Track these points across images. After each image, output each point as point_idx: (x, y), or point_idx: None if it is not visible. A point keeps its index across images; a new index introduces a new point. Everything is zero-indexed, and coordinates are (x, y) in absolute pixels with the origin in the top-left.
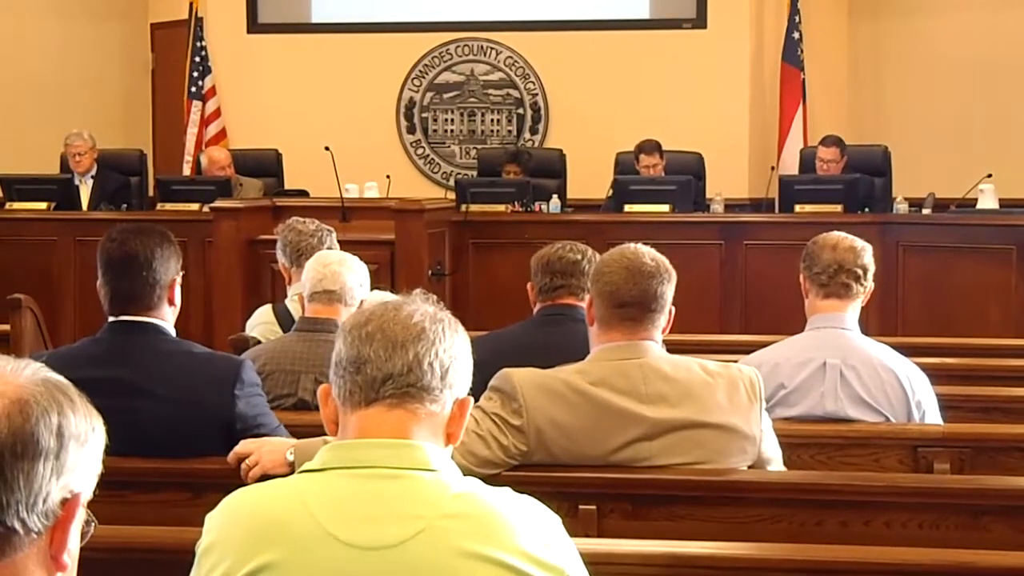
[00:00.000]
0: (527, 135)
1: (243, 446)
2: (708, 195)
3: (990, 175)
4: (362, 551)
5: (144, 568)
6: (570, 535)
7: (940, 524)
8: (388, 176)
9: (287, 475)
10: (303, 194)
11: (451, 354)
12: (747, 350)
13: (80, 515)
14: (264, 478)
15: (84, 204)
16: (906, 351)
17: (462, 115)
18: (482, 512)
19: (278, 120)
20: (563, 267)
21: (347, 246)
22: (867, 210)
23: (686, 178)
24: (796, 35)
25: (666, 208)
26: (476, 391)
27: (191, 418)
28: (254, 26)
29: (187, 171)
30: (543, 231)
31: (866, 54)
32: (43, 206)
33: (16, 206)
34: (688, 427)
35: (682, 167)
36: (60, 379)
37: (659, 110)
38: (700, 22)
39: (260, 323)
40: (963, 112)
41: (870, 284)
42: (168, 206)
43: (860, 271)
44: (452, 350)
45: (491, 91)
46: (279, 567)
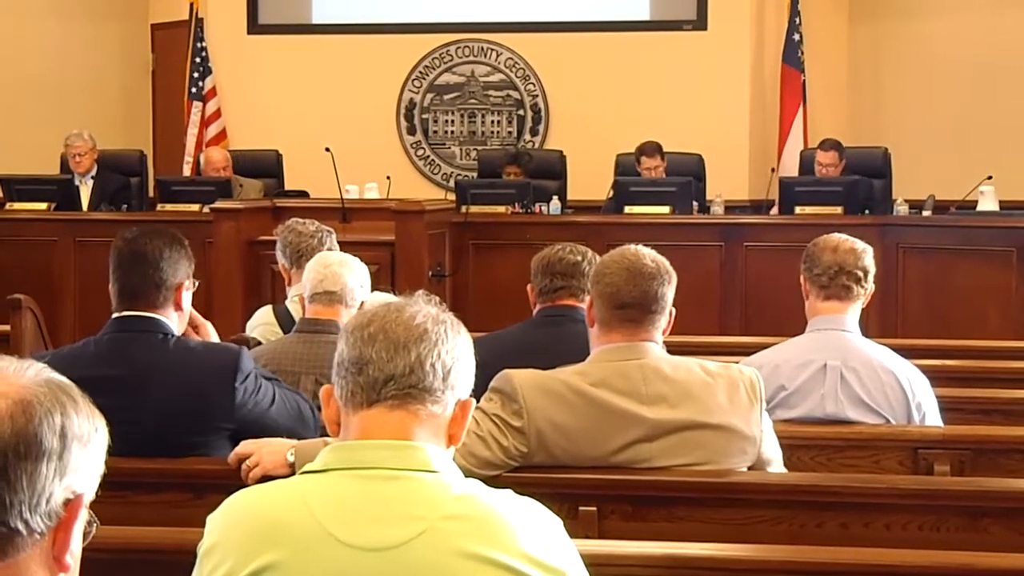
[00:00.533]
0: (527, 136)
1: (244, 447)
2: (708, 197)
3: (990, 177)
4: (363, 552)
5: (145, 569)
6: (570, 536)
7: (940, 526)
8: (388, 177)
9: (288, 476)
10: (303, 195)
11: (453, 355)
12: (747, 352)
13: (83, 516)
14: (265, 479)
15: (84, 205)
16: (906, 353)
17: (462, 116)
18: (483, 514)
19: (278, 121)
20: (563, 268)
21: (347, 247)
22: (867, 212)
23: (686, 180)
24: (796, 37)
25: (666, 210)
26: (476, 392)
27: (192, 413)
28: (254, 27)
29: (187, 172)
30: (543, 232)
31: (866, 56)
32: (43, 206)
33: (16, 206)
34: (688, 428)
35: (682, 168)
36: (63, 380)
37: (659, 111)
38: (700, 24)
39: (260, 324)
40: (963, 114)
41: (870, 286)
42: (168, 207)
43: (860, 273)
44: (454, 351)
45: (491, 92)
46: (281, 568)
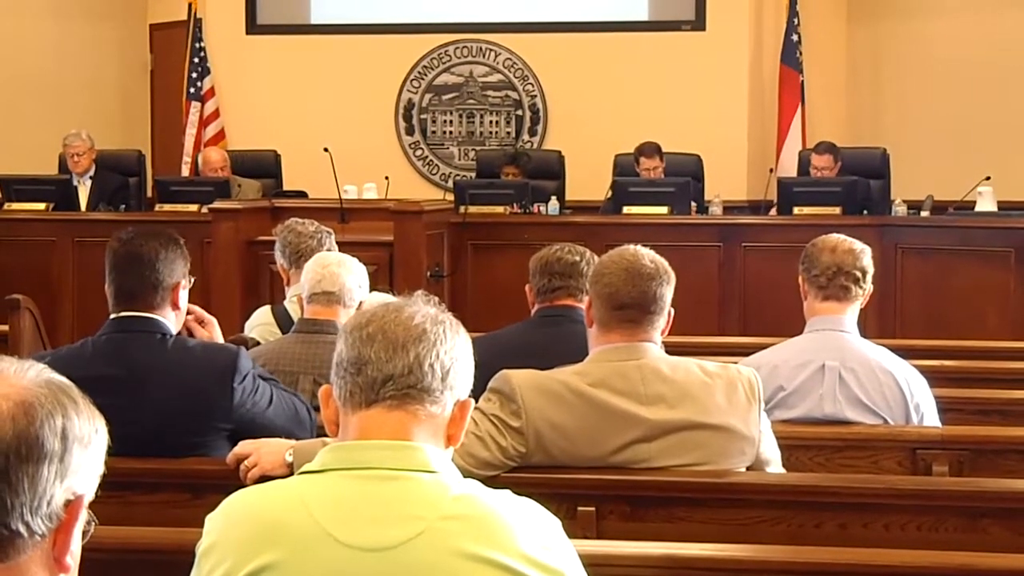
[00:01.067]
0: (526, 137)
1: (242, 447)
2: (707, 197)
3: (988, 177)
4: (362, 552)
5: (144, 569)
6: (569, 537)
7: (939, 526)
8: (387, 177)
9: (286, 476)
10: (302, 195)
11: (452, 356)
12: (746, 352)
13: (83, 517)
14: (264, 479)
15: (82, 205)
16: (904, 353)
17: (461, 116)
18: (482, 514)
19: (277, 121)
20: (562, 268)
21: (346, 247)
22: (866, 212)
23: (684, 180)
24: (795, 37)
25: (664, 210)
26: (475, 392)
27: (190, 413)
28: (253, 27)
29: (186, 172)
30: (542, 233)
31: (865, 56)
32: (41, 207)
33: (15, 207)
34: (687, 428)
35: (681, 169)
36: (63, 380)
37: (658, 112)
38: (699, 24)
39: (259, 324)
40: (962, 114)
41: (869, 286)
42: (167, 207)
43: (859, 273)
44: (453, 352)
45: (490, 93)
46: (279, 568)
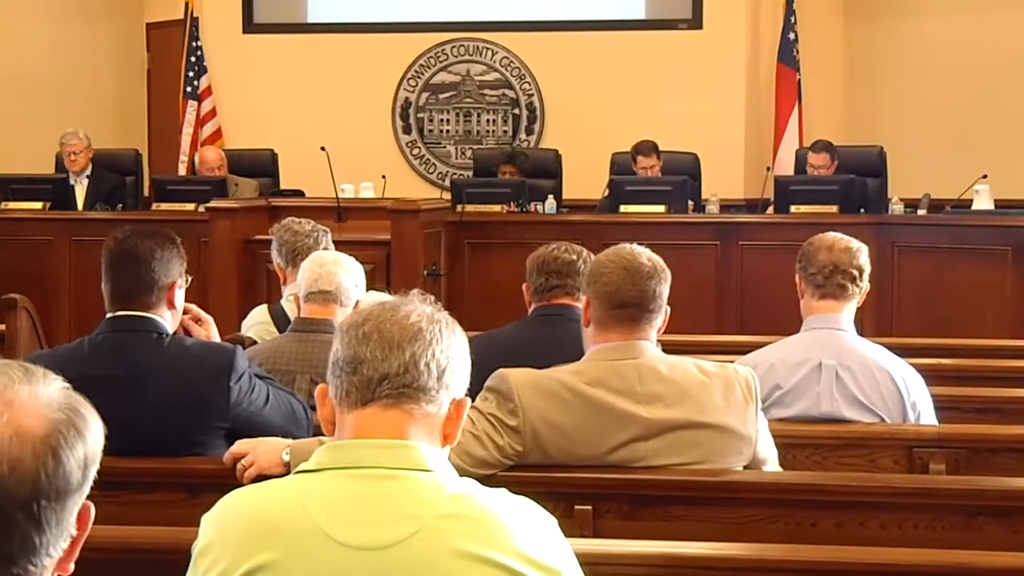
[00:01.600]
0: (523, 135)
1: (239, 446)
2: (704, 196)
3: (985, 176)
4: (358, 551)
5: (140, 568)
6: (566, 535)
7: (935, 525)
8: (384, 176)
9: (283, 475)
10: (299, 194)
11: (448, 355)
12: (743, 351)
13: (90, 523)
14: (260, 478)
15: (79, 204)
16: (901, 352)
17: (458, 115)
18: (478, 513)
19: (274, 120)
20: (558, 267)
21: (342, 246)
22: (863, 211)
23: (682, 179)
24: (792, 36)
25: (662, 209)
26: (472, 391)
27: (187, 412)
28: (249, 26)
29: (183, 171)
30: (539, 231)
31: (862, 55)
32: (38, 206)
33: (11, 206)
34: (684, 427)
35: (678, 167)
36: (73, 397)
37: (655, 111)
38: (696, 23)
39: (256, 323)
40: (959, 113)
41: (866, 285)
42: (164, 206)
43: (856, 272)
44: (449, 351)
45: (487, 91)
46: (275, 567)
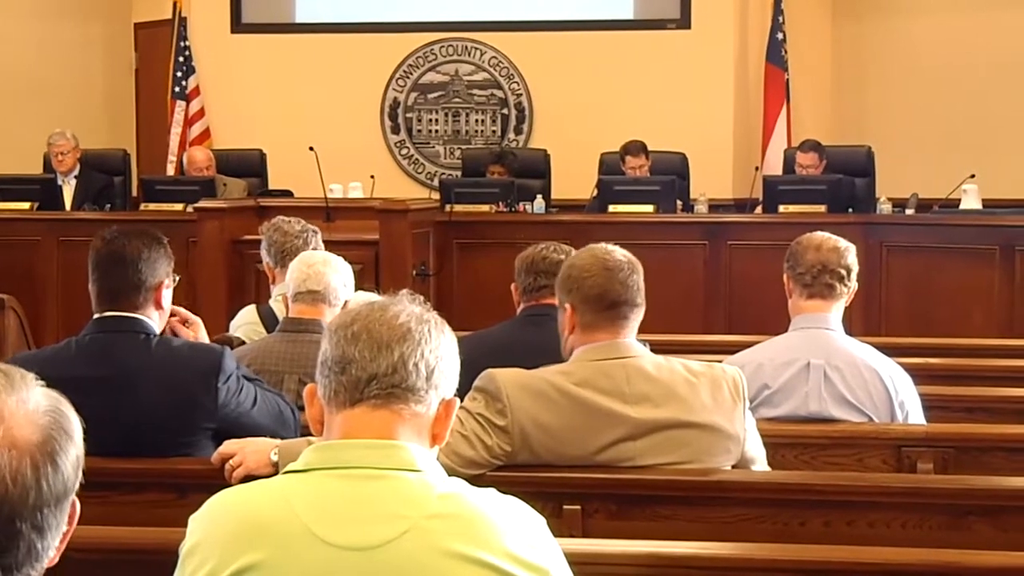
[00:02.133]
0: (511, 135)
1: (227, 446)
2: (692, 195)
3: (973, 175)
4: (347, 551)
5: (128, 569)
6: (555, 535)
7: (924, 524)
8: (372, 176)
9: (271, 476)
10: (287, 194)
11: (437, 355)
12: (731, 350)
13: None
14: (248, 479)
15: (67, 204)
16: (889, 351)
17: (446, 115)
18: (467, 513)
19: (262, 120)
20: (547, 267)
21: (331, 246)
22: (851, 210)
23: (670, 178)
24: (780, 36)
25: (650, 208)
26: (460, 391)
27: (175, 413)
28: (238, 26)
29: (171, 171)
30: (527, 231)
31: (850, 55)
32: (26, 206)
33: None
34: (672, 427)
35: (666, 167)
36: (53, 396)
37: (643, 110)
38: (684, 22)
39: (244, 323)
40: (947, 112)
41: (854, 284)
42: (152, 206)
43: (844, 271)
44: (438, 351)
45: (475, 91)
46: (263, 568)
